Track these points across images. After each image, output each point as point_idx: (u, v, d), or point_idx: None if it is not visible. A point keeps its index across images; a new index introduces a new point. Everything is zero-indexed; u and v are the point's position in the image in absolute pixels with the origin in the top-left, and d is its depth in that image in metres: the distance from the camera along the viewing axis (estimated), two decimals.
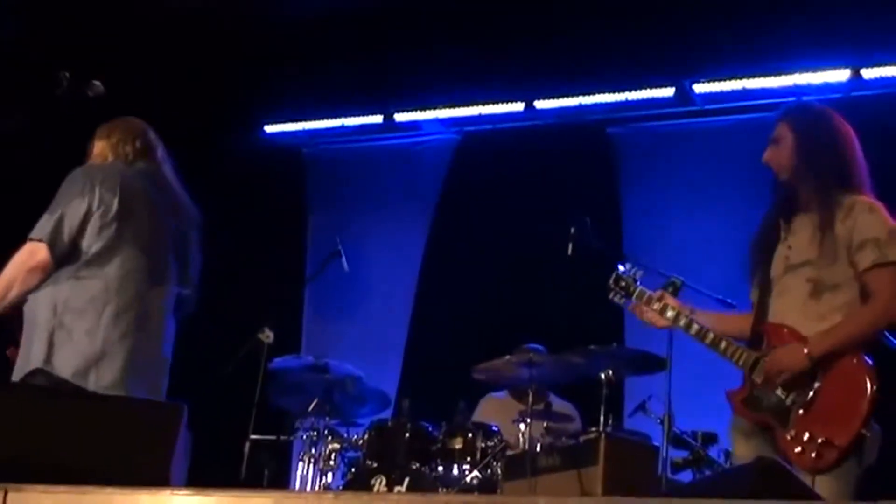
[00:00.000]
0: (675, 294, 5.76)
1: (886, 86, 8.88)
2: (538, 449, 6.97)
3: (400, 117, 10.69)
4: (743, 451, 5.04)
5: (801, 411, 4.76)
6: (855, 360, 4.74)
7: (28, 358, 5.06)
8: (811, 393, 4.75)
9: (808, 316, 4.88)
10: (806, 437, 4.68)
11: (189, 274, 5.59)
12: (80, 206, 5.16)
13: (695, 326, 5.14)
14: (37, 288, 5.14)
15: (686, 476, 6.87)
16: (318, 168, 11.10)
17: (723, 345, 5.05)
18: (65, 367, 4.97)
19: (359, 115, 10.84)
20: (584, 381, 7.42)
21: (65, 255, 5.13)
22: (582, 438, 6.83)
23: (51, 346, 5.02)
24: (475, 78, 10.11)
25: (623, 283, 5.49)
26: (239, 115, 10.81)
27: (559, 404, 7.88)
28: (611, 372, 7.16)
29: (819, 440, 4.63)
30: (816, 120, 5.27)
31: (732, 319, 5.32)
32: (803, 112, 5.39)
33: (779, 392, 4.83)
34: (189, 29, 9.61)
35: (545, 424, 7.36)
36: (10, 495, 2.61)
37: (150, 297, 5.30)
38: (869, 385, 4.67)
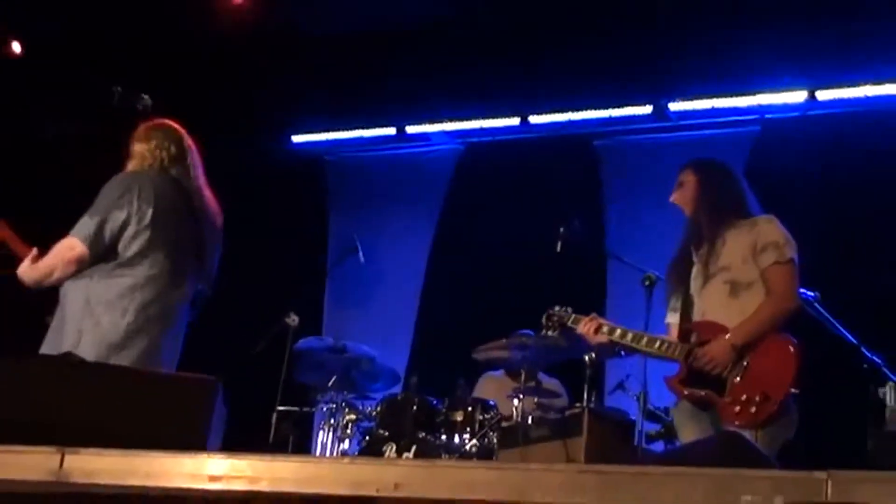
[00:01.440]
0: (651, 287, 5.85)
1: (839, 106, 8.92)
2: (529, 421, 6.97)
3: (411, 129, 10.70)
4: (688, 432, 5.18)
5: (737, 379, 4.93)
6: (780, 338, 4.97)
7: (60, 340, 5.08)
8: (744, 365, 4.93)
9: (730, 312, 5.09)
10: (744, 398, 4.85)
11: (206, 270, 5.56)
12: (119, 214, 5.16)
13: (629, 335, 5.35)
14: (72, 278, 5.17)
15: (658, 446, 6.87)
16: (339, 174, 11.10)
17: (657, 344, 5.26)
18: (88, 351, 4.92)
19: (375, 127, 10.85)
20: (570, 363, 7.43)
21: (102, 253, 5.15)
22: (568, 412, 6.85)
23: (80, 332, 5.05)
24: (477, 96, 10.12)
25: (555, 318, 5.70)
26: (269, 126, 10.81)
27: (548, 382, 7.87)
28: (593, 354, 7.15)
29: (757, 398, 4.81)
30: (713, 165, 5.63)
31: (658, 336, 5.42)
32: (702, 161, 5.72)
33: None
34: (227, 52, 9.62)
35: (535, 400, 7.36)
36: (67, 457, 2.60)
37: (170, 298, 5.28)
38: (794, 352, 4.91)
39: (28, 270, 5.28)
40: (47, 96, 8.65)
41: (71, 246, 5.15)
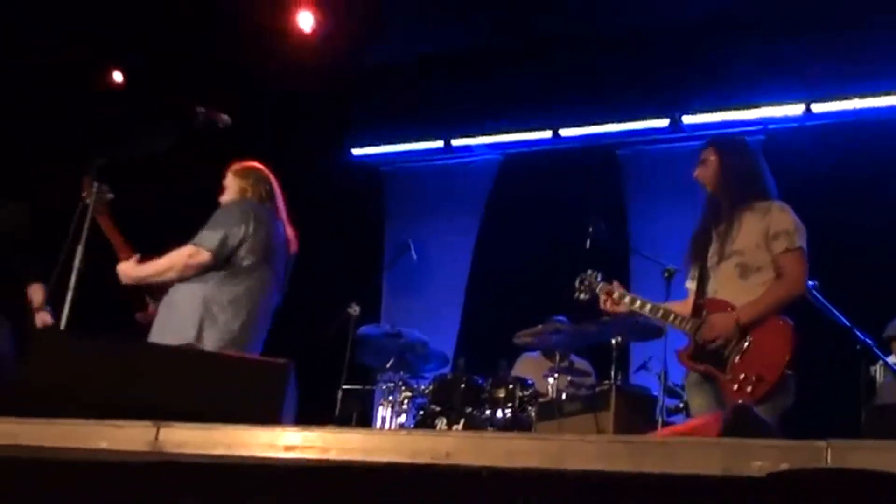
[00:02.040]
0: (669, 279, 5.76)
1: (831, 117, 8.92)
2: (563, 397, 6.95)
3: (456, 142, 10.72)
4: (695, 399, 5.06)
5: (737, 359, 4.79)
6: (779, 321, 4.81)
7: (173, 333, 5.23)
8: (745, 345, 4.79)
9: (738, 293, 4.91)
10: (742, 377, 4.72)
11: (284, 287, 5.76)
12: (238, 231, 5.38)
13: (648, 306, 5.19)
14: (186, 280, 5.35)
15: (678, 419, 6.83)
16: (393, 182, 11.12)
17: (671, 317, 5.10)
18: (210, 344, 5.15)
19: (424, 141, 10.87)
20: (599, 346, 7.41)
21: (218, 264, 5.36)
22: (597, 389, 6.82)
23: (200, 328, 5.22)
24: (514, 112, 10.15)
25: (586, 283, 5.50)
26: (332, 140, 10.86)
27: (579, 363, 7.85)
28: (619, 338, 7.16)
29: (753, 378, 4.68)
30: (734, 145, 5.37)
31: (676, 305, 5.30)
32: (724, 140, 5.48)
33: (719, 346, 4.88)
34: (297, 77, 9.67)
35: (568, 378, 7.34)
36: (162, 430, 2.63)
37: (267, 306, 5.53)
38: (790, 337, 4.76)
39: (132, 269, 5.48)
40: (142, 119, 8.74)
41: (193, 253, 5.36)
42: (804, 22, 8.43)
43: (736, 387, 4.72)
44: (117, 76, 10.22)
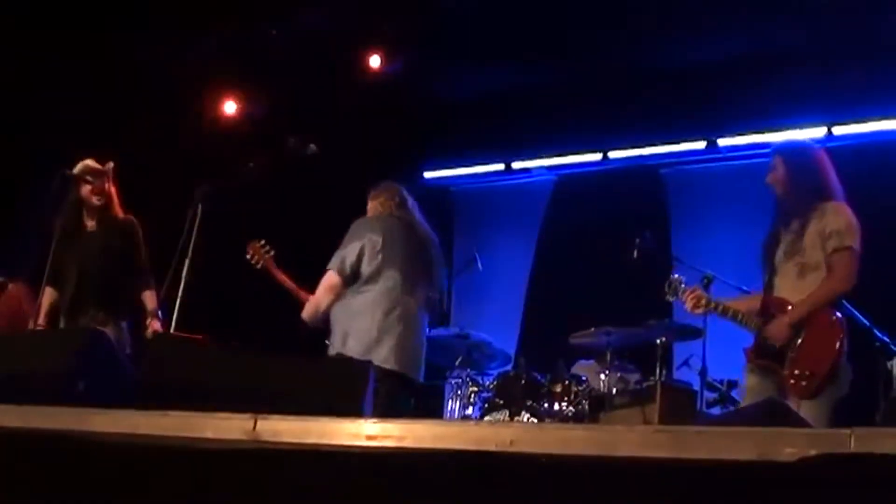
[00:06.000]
0: (707, 285, 5.72)
1: (851, 139, 8.80)
2: (614, 392, 6.92)
3: (516, 165, 10.71)
4: (751, 382, 5.00)
5: (792, 354, 4.76)
6: (828, 316, 4.77)
7: (331, 347, 5.49)
8: (799, 341, 4.75)
9: (798, 291, 4.86)
10: (796, 372, 4.68)
11: (434, 283, 5.86)
12: (356, 246, 5.54)
13: (721, 307, 5.16)
14: (336, 300, 5.54)
15: (716, 411, 6.77)
16: (461, 200, 11.14)
17: (739, 316, 5.06)
18: (353, 350, 5.30)
19: (488, 164, 10.88)
20: (645, 345, 7.35)
21: (349, 278, 5.52)
22: (644, 385, 6.79)
23: (345, 337, 5.40)
24: (567, 138, 10.13)
25: (673, 286, 5.53)
26: (407, 164, 10.89)
27: (626, 364, 7.79)
28: (664, 338, 7.10)
29: (806, 373, 4.64)
30: (800, 151, 5.27)
31: (749, 299, 5.27)
32: (791, 146, 5.40)
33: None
34: (375, 108, 9.76)
35: (618, 375, 7.30)
36: (259, 421, 2.66)
37: (406, 302, 5.56)
38: (838, 332, 4.74)
39: (307, 309, 5.69)
40: (245, 146, 8.83)
41: (327, 277, 5.55)
42: (824, 55, 8.45)
43: (793, 381, 4.68)
44: (230, 107, 10.13)
